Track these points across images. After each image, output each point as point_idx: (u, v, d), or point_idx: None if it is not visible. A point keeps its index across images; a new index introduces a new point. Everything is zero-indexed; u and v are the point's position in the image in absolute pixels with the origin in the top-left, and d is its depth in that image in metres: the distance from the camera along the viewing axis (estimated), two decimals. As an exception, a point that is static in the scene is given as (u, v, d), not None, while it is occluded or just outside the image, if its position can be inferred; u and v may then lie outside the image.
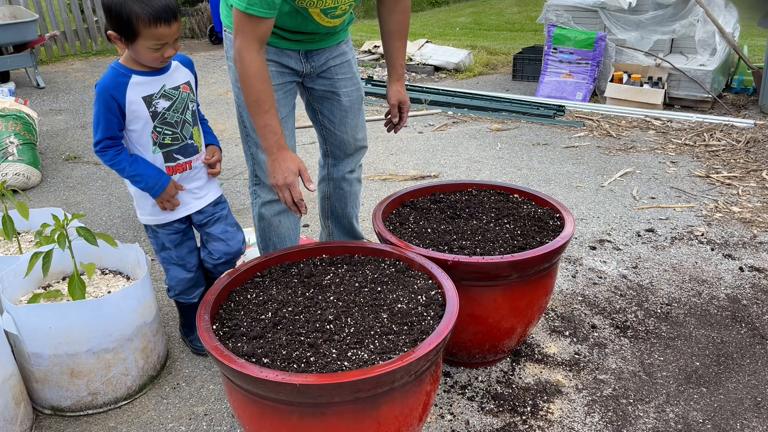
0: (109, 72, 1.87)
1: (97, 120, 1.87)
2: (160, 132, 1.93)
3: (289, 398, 1.41)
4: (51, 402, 2.04)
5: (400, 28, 2.23)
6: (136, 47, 1.79)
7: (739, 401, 2.04)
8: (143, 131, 1.91)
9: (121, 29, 1.76)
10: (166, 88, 1.92)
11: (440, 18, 11.22)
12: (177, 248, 2.14)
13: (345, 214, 2.55)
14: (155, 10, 1.74)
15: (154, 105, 1.90)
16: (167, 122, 1.94)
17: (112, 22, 1.76)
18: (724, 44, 5.12)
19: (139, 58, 1.83)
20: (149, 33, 1.76)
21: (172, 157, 1.99)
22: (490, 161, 4.18)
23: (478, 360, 2.18)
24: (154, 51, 1.80)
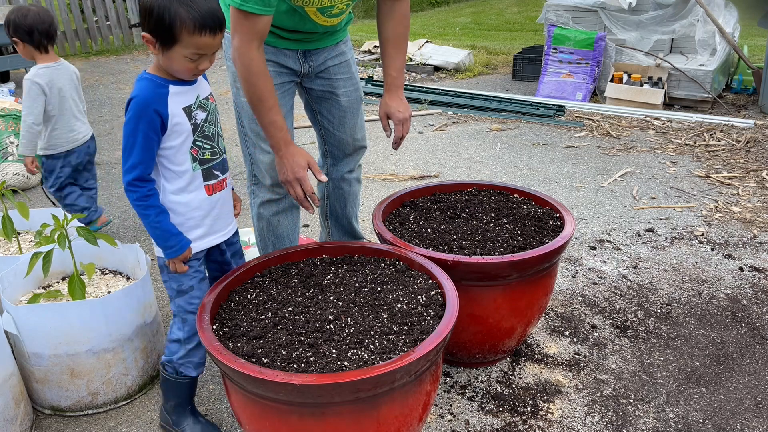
0: (146, 84, 1.65)
1: (132, 143, 1.62)
2: (201, 146, 1.74)
3: (289, 398, 1.41)
4: (51, 402, 2.04)
5: (394, 36, 2.15)
6: (172, 54, 1.60)
7: (739, 401, 2.04)
8: (182, 147, 1.70)
9: (159, 33, 1.57)
10: (200, 99, 1.75)
11: (440, 18, 11.22)
12: (201, 285, 1.84)
13: (344, 214, 2.55)
14: (202, 16, 1.57)
15: (194, 116, 1.72)
16: (206, 135, 1.75)
17: (151, 23, 1.57)
18: (724, 44, 5.12)
19: (171, 66, 1.64)
20: (191, 41, 1.57)
21: (212, 173, 1.78)
22: (490, 161, 4.18)
23: (478, 360, 2.18)
24: (190, 61, 1.62)
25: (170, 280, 1.80)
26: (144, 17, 1.59)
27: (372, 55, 7.27)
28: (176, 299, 1.81)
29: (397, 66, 2.18)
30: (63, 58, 3.29)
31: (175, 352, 1.84)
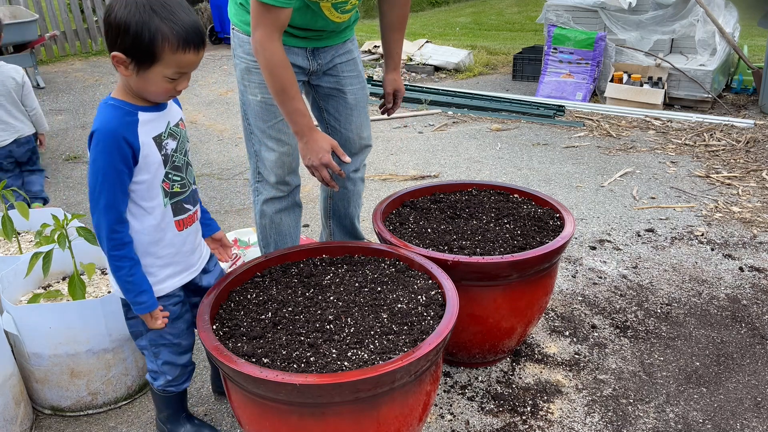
0: (111, 111, 1.48)
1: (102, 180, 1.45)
2: (171, 179, 1.58)
3: (289, 398, 1.41)
4: (51, 402, 2.04)
5: (400, 20, 2.30)
6: (149, 75, 1.44)
7: (739, 401, 2.04)
8: (153, 181, 1.54)
9: (136, 51, 1.41)
10: (170, 126, 1.58)
11: (440, 18, 11.22)
12: (173, 324, 1.70)
13: (347, 214, 2.55)
14: (186, 31, 1.43)
15: (165, 146, 1.55)
16: (176, 166, 1.60)
17: (126, 41, 1.40)
18: (724, 44, 5.12)
19: (146, 89, 1.48)
20: (173, 59, 1.43)
21: (182, 208, 1.64)
22: (490, 161, 4.18)
23: (478, 360, 2.18)
24: (170, 81, 1.47)
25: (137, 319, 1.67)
26: (115, 34, 1.41)
27: (372, 55, 7.27)
28: (147, 334, 1.69)
29: (400, 48, 2.38)
30: (63, 58, 3.28)
31: (156, 380, 1.78)
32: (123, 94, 1.51)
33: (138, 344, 1.75)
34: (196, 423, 1.90)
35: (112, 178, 1.46)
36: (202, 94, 6.11)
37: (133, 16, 1.39)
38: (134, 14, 1.39)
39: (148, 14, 1.39)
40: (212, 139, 4.75)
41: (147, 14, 1.39)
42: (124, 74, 1.45)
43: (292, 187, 2.28)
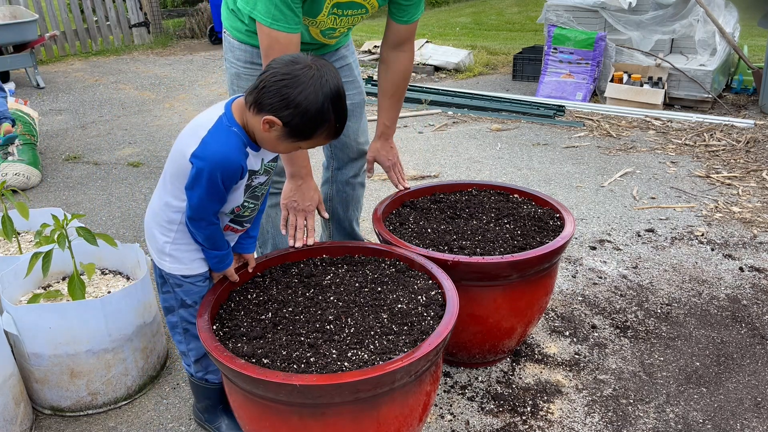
0: (233, 138, 1.51)
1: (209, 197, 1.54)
2: (246, 206, 1.68)
3: (289, 398, 1.41)
4: (51, 402, 2.04)
5: (392, 87, 2.18)
6: (289, 142, 1.51)
7: (739, 401, 2.04)
8: (227, 205, 1.64)
9: (298, 130, 1.46)
10: (265, 162, 1.64)
11: (440, 18, 11.21)
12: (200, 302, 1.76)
13: (346, 216, 2.55)
14: (342, 125, 1.52)
15: (252, 179, 1.62)
16: (255, 195, 1.69)
17: (296, 119, 1.44)
18: (724, 44, 5.12)
19: (273, 147, 1.54)
20: (319, 141, 1.52)
21: (240, 223, 1.74)
22: (490, 161, 4.18)
23: (478, 360, 2.18)
24: (297, 148, 1.56)
25: (177, 293, 1.73)
26: (286, 106, 1.43)
27: (372, 55, 7.27)
28: (179, 310, 1.75)
29: (392, 116, 2.24)
30: (63, 58, 3.28)
31: (189, 365, 1.84)
32: (240, 121, 1.54)
33: (168, 321, 1.79)
34: (234, 417, 1.89)
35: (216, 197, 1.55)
36: (202, 94, 6.11)
37: (315, 102, 1.42)
38: (317, 101, 1.42)
39: (327, 104, 1.44)
40: (212, 139, 4.74)
41: (327, 104, 1.44)
42: (262, 129, 1.47)
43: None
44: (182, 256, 1.68)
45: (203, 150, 1.49)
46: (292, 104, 1.42)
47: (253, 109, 1.47)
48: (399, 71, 2.16)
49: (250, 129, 1.53)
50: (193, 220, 1.59)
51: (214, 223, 1.62)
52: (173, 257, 1.67)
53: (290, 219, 1.97)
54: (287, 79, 1.42)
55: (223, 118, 1.52)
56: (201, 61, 7.61)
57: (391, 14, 2.07)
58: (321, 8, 1.88)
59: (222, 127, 1.51)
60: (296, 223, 1.96)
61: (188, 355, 1.81)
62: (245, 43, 2.04)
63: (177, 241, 1.66)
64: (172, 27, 9.73)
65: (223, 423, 1.92)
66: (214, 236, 1.65)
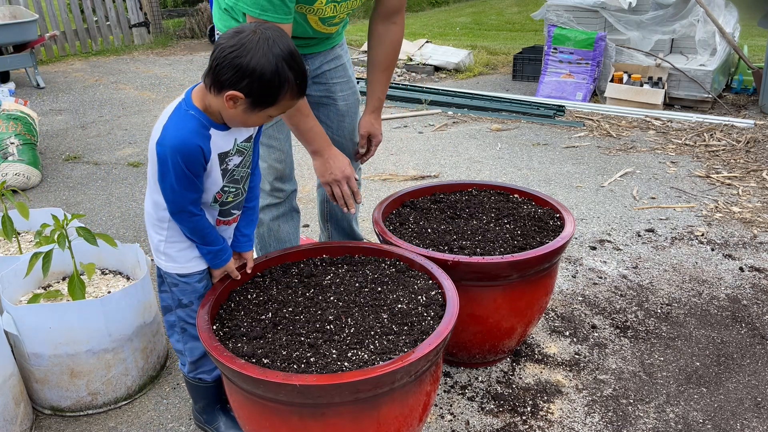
0: (190, 120, 1.51)
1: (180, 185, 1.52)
2: (227, 191, 1.66)
3: (289, 399, 1.41)
4: (51, 402, 2.04)
5: (385, 60, 2.16)
6: (257, 114, 1.50)
7: (739, 401, 2.04)
8: (209, 192, 1.62)
9: (261, 96, 1.46)
10: (238, 143, 1.61)
11: (440, 18, 11.21)
12: (199, 301, 1.75)
13: (345, 216, 2.55)
14: (304, 80, 1.51)
15: (227, 162, 1.60)
16: (234, 179, 1.66)
17: (253, 85, 1.43)
18: (724, 44, 5.12)
19: (243, 122, 1.53)
20: (287, 104, 1.52)
21: (228, 212, 1.72)
22: (490, 161, 4.18)
23: (478, 360, 2.18)
24: (269, 119, 1.55)
25: (174, 292, 1.74)
26: (242, 76, 1.42)
27: (372, 55, 7.27)
28: (177, 310, 1.76)
29: (384, 89, 2.23)
30: (63, 58, 3.28)
31: (184, 365, 1.84)
32: (201, 105, 1.53)
33: (166, 320, 1.79)
34: (232, 416, 1.91)
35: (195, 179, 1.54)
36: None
37: (268, 64, 1.42)
38: (270, 62, 1.42)
39: (281, 64, 1.43)
40: (212, 139, 4.74)
41: (280, 64, 1.43)
42: (228, 107, 1.47)
43: (287, 192, 2.26)
44: (177, 254, 1.68)
45: (163, 137, 1.50)
46: (247, 72, 1.42)
47: (213, 90, 1.47)
48: (391, 43, 2.14)
49: (215, 111, 1.52)
50: (174, 214, 1.59)
51: (196, 214, 1.60)
52: (168, 255, 1.68)
53: (335, 191, 2.02)
54: (236, 50, 1.42)
55: (182, 103, 1.54)
56: (201, 61, 7.61)
57: None
58: None
59: (180, 111, 1.52)
60: (343, 192, 2.01)
61: (185, 354, 1.81)
62: None
63: (170, 239, 1.67)
64: (172, 27, 9.73)
65: (221, 422, 1.92)
66: (201, 229, 1.63)
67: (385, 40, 2.14)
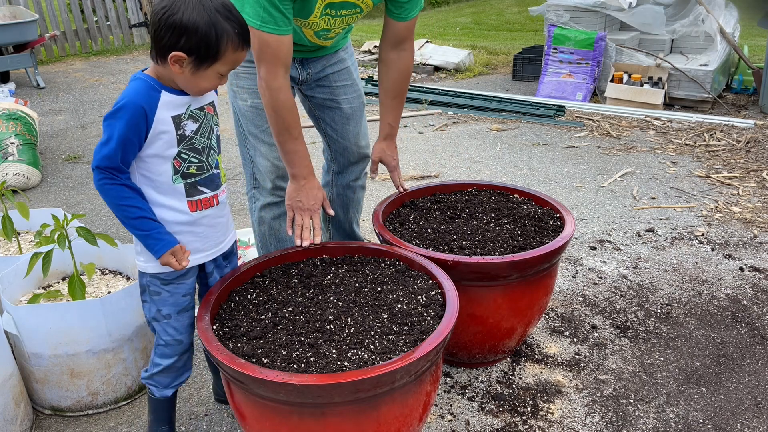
0: (139, 84, 1.53)
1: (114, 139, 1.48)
2: (185, 159, 1.60)
3: (289, 398, 1.41)
4: (51, 402, 2.04)
5: (394, 87, 2.16)
6: (205, 73, 1.50)
7: (740, 401, 2.04)
8: (165, 157, 1.57)
9: (201, 51, 1.46)
10: (192, 108, 1.60)
11: (440, 18, 11.22)
12: (179, 316, 1.71)
13: (346, 219, 2.55)
14: (243, 29, 1.50)
15: (183, 127, 1.58)
16: (194, 148, 1.61)
17: (192, 41, 1.44)
18: (724, 44, 5.12)
19: (196, 85, 1.53)
20: (232, 57, 1.50)
21: (196, 189, 1.64)
22: (490, 161, 4.18)
23: (478, 360, 2.18)
24: (220, 78, 1.54)
25: (150, 302, 1.69)
26: (179, 35, 1.44)
27: (372, 55, 7.27)
28: (153, 323, 1.71)
29: (396, 116, 2.23)
30: (63, 58, 3.28)
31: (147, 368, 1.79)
32: (153, 73, 1.55)
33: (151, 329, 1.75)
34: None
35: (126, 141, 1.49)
36: (202, 94, 6.11)
37: (201, 17, 1.43)
38: (203, 15, 1.43)
39: (214, 15, 1.44)
40: (212, 139, 4.74)
41: (214, 15, 1.44)
42: (177, 72, 1.49)
43: None
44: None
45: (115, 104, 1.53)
46: (182, 29, 1.43)
47: (159, 60, 1.49)
48: (400, 71, 2.14)
49: (169, 79, 1.54)
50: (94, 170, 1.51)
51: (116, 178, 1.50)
52: (146, 254, 1.63)
53: (296, 219, 1.97)
54: (167, 10, 1.44)
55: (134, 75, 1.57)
56: (201, 61, 7.61)
57: (389, 12, 2.04)
58: (312, 9, 1.87)
59: (130, 82, 1.56)
60: (302, 223, 1.96)
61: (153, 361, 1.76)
62: None
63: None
64: (172, 27, 9.71)
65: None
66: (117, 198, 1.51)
67: (393, 68, 2.13)
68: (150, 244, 1.58)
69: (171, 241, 1.59)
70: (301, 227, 1.96)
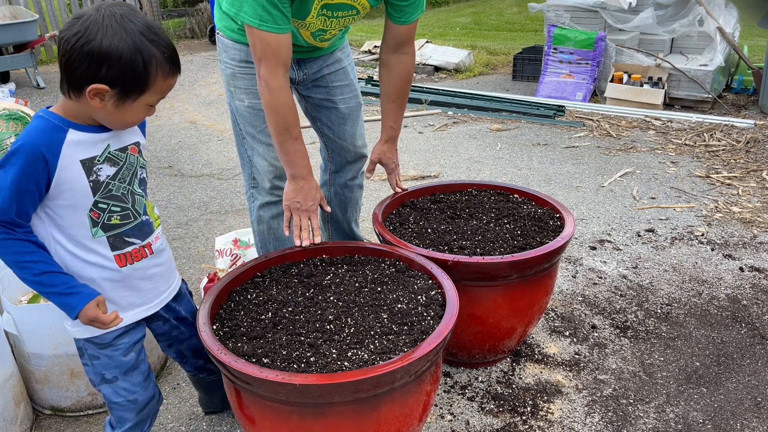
0: (39, 123, 1.30)
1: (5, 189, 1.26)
2: (105, 209, 1.39)
3: (289, 398, 1.41)
4: (51, 402, 2.04)
5: (395, 90, 2.16)
6: (132, 105, 1.31)
7: (739, 401, 2.04)
8: (78, 209, 1.36)
9: (128, 81, 1.27)
10: (111, 150, 1.38)
11: (440, 18, 11.22)
12: (127, 377, 1.52)
13: (345, 218, 2.55)
14: (173, 53, 1.32)
15: (96, 172, 1.36)
16: (113, 195, 1.40)
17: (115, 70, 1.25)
18: (724, 44, 5.12)
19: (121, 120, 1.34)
20: (162, 85, 1.32)
21: (123, 241, 1.44)
22: (490, 161, 4.18)
23: (478, 360, 2.18)
24: (148, 109, 1.36)
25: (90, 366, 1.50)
26: (99, 64, 1.24)
27: (372, 55, 7.27)
28: (101, 386, 1.52)
29: (397, 119, 2.22)
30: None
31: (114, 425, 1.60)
32: (60, 109, 1.34)
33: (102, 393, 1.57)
34: None
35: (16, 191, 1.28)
36: (202, 94, 6.12)
37: (124, 42, 1.24)
38: (125, 40, 1.24)
39: (139, 39, 1.26)
40: (212, 139, 4.75)
41: (139, 39, 1.26)
42: (97, 107, 1.29)
43: None
44: None
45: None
46: (102, 57, 1.23)
47: (72, 94, 1.29)
48: (401, 74, 2.14)
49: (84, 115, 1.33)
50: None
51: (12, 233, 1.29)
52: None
53: (294, 220, 1.97)
54: (82, 37, 1.23)
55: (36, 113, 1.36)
56: (201, 61, 7.61)
57: (389, 15, 2.04)
58: (309, 9, 1.86)
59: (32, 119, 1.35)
60: (300, 224, 1.96)
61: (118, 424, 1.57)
62: (239, 42, 2.02)
63: None
64: (172, 27, 9.73)
65: None
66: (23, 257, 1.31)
67: (393, 72, 2.13)
68: (64, 302, 1.35)
69: (89, 293, 1.36)
70: (300, 228, 1.96)
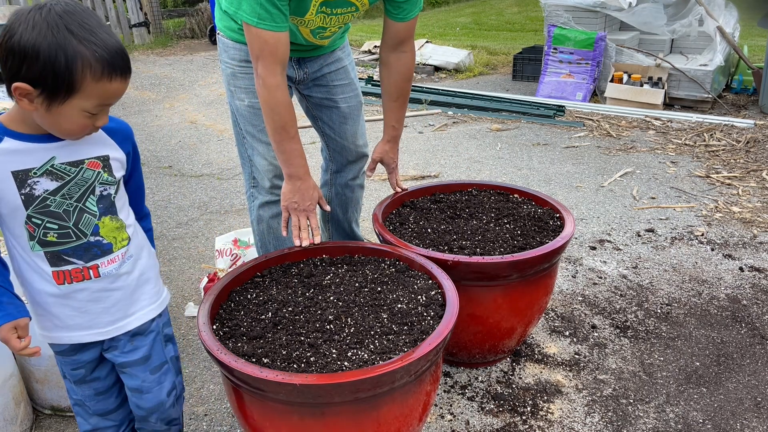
0: None
1: None
2: (39, 224, 1.30)
3: (289, 398, 1.41)
4: (51, 402, 2.04)
5: (396, 89, 2.16)
6: (63, 110, 1.19)
7: (739, 401, 2.04)
8: (13, 219, 1.30)
9: (49, 81, 1.15)
10: (55, 163, 1.28)
11: (440, 18, 11.22)
12: (79, 386, 1.52)
13: (345, 218, 2.55)
14: (110, 54, 1.18)
15: (30, 185, 1.27)
16: (50, 212, 1.30)
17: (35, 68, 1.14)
18: (724, 44, 5.12)
19: (58, 126, 1.23)
20: (96, 89, 1.18)
21: (61, 259, 1.35)
22: (490, 161, 4.18)
23: (478, 360, 2.18)
24: (89, 117, 1.22)
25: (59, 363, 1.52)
26: (19, 61, 1.13)
27: (372, 55, 7.27)
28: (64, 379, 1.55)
29: (399, 118, 2.22)
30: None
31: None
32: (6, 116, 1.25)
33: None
34: None
35: None
36: (202, 94, 6.12)
37: (43, 38, 1.13)
38: (45, 36, 1.13)
39: (63, 36, 1.14)
40: (212, 139, 4.75)
41: (62, 36, 1.14)
42: (27, 108, 1.19)
43: None
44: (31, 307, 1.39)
45: None
46: (21, 53, 1.13)
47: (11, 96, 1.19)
48: (401, 73, 2.13)
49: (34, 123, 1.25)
50: None
51: None
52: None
53: (292, 220, 1.97)
54: (6, 35, 1.14)
55: None
56: (201, 61, 7.61)
57: (387, 12, 2.03)
58: (308, 7, 1.86)
59: None
60: (299, 224, 1.95)
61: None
62: (239, 41, 2.02)
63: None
64: (172, 27, 9.74)
65: None
66: None
67: (394, 70, 2.12)
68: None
69: (8, 314, 1.29)
70: (299, 228, 1.96)
